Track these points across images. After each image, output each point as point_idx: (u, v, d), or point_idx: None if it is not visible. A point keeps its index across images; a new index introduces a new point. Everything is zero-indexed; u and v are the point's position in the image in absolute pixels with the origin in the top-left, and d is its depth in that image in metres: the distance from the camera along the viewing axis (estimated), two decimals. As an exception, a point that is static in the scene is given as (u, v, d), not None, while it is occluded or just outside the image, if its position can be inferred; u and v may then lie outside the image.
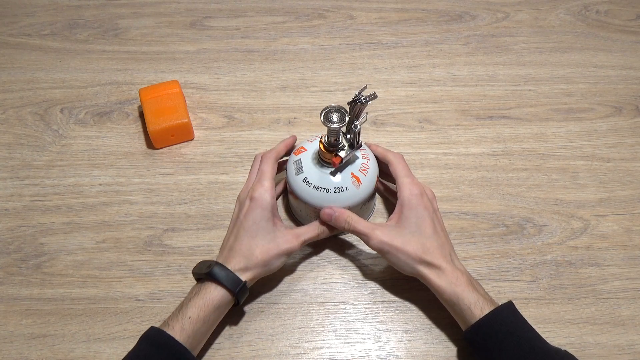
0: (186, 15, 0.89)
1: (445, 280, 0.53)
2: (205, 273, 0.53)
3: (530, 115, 0.76)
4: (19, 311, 0.59)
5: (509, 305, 0.52)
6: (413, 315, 0.59)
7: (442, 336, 0.57)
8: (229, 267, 0.53)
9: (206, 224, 0.65)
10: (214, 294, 0.52)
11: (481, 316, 0.51)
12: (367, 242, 0.56)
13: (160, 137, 0.71)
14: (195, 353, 0.51)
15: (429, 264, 0.54)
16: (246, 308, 0.59)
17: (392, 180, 0.60)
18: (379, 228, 0.56)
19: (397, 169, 0.59)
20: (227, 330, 0.57)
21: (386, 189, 0.65)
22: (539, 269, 0.62)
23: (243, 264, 0.54)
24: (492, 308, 0.51)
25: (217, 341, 0.57)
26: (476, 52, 0.84)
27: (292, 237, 0.56)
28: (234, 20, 0.89)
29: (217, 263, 0.54)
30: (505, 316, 0.51)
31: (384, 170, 0.62)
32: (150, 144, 0.72)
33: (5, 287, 0.61)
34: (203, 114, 0.76)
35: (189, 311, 0.51)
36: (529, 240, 0.64)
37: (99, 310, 0.59)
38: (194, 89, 0.79)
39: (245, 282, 0.54)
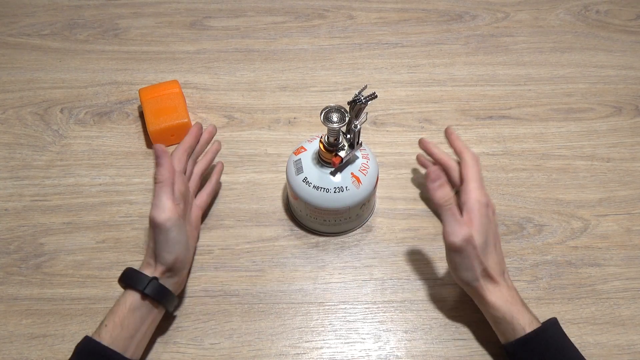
0: (186, 15, 0.89)
1: (501, 298, 0.52)
2: (118, 279, 0.53)
3: (530, 115, 0.76)
4: (19, 311, 0.59)
5: (555, 323, 0.52)
6: (413, 315, 0.59)
7: (442, 336, 0.57)
8: (141, 268, 0.54)
9: (206, 224, 0.65)
10: (125, 296, 0.52)
11: (525, 331, 0.50)
12: (453, 232, 0.51)
13: (160, 137, 0.71)
14: (129, 354, 0.50)
15: (490, 277, 0.52)
16: (246, 308, 0.59)
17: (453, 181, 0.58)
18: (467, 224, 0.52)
19: (470, 172, 0.56)
20: (227, 331, 0.57)
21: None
22: (539, 269, 0.62)
23: (149, 262, 0.53)
24: (537, 324, 0.51)
25: (217, 341, 0.57)
26: (476, 52, 0.84)
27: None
28: (234, 20, 0.89)
29: (127, 268, 0.53)
30: (553, 334, 0.51)
31: (449, 172, 0.60)
32: (150, 144, 0.72)
33: (5, 287, 0.61)
34: (203, 114, 0.76)
35: (106, 319, 0.51)
36: (529, 240, 0.64)
37: (99, 310, 0.59)
38: (194, 89, 0.79)
39: (153, 278, 0.52)
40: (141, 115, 0.76)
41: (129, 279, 0.52)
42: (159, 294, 0.52)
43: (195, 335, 0.57)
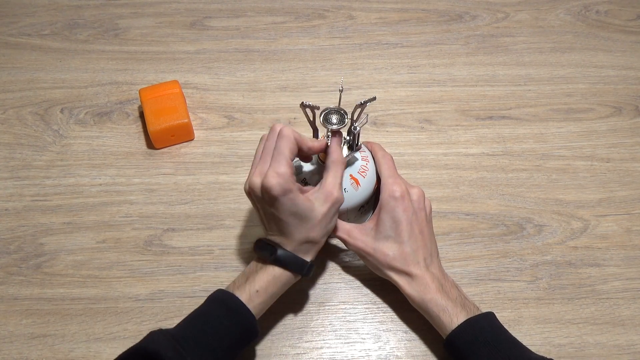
0: (186, 15, 0.89)
1: (413, 288, 0.53)
2: (272, 260, 0.52)
3: (530, 116, 0.76)
4: (19, 311, 0.59)
5: (487, 315, 0.52)
6: (413, 315, 0.58)
7: (441, 337, 0.57)
8: (290, 250, 0.52)
9: (206, 224, 0.65)
10: (282, 274, 0.52)
11: (451, 324, 0.50)
12: (345, 245, 0.57)
13: (160, 137, 0.71)
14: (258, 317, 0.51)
15: (399, 271, 0.54)
16: (246, 308, 0.59)
17: None
18: (355, 231, 0.56)
19: (382, 168, 0.58)
20: (227, 330, 0.57)
21: None
22: (539, 269, 0.62)
23: (301, 245, 0.52)
24: (465, 315, 0.51)
25: (217, 341, 0.57)
26: (476, 52, 0.84)
27: (326, 194, 0.51)
28: (234, 20, 0.89)
29: (280, 247, 0.52)
30: (480, 325, 0.51)
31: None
32: (150, 144, 0.72)
33: (5, 287, 0.61)
34: (203, 114, 0.76)
35: (257, 284, 0.51)
36: (529, 240, 0.64)
37: (99, 310, 0.59)
38: (194, 89, 0.79)
39: (311, 261, 0.53)
40: (141, 115, 0.76)
41: (287, 262, 0.51)
42: (311, 271, 0.54)
43: (195, 335, 0.57)
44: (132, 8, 0.90)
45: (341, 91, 0.54)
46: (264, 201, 0.50)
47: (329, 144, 0.54)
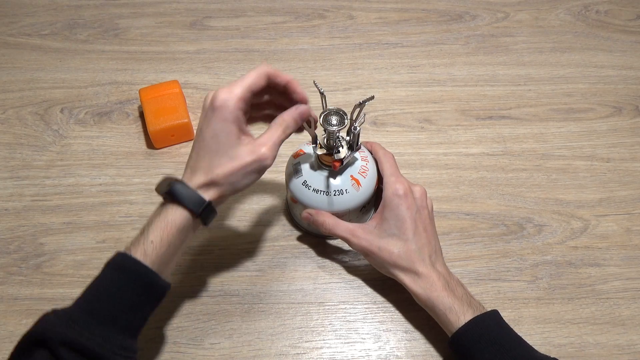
0: (186, 15, 0.89)
1: (419, 286, 0.53)
2: (165, 192, 0.47)
3: (530, 115, 0.76)
4: (19, 311, 0.59)
5: (492, 314, 0.52)
6: (413, 315, 0.59)
7: (442, 336, 0.57)
8: (191, 185, 0.48)
9: (206, 224, 0.65)
10: (176, 215, 0.47)
11: (458, 322, 0.50)
12: (349, 245, 0.57)
13: (160, 137, 0.71)
14: (164, 277, 0.47)
15: (404, 269, 0.54)
16: (246, 308, 0.59)
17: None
18: (359, 230, 0.56)
19: (384, 167, 0.58)
20: (227, 331, 0.58)
21: None
22: (539, 269, 0.62)
23: (205, 182, 0.48)
24: (471, 313, 0.51)
25: (217, 341, 0.57)
26: (476, 52, 0.84)
27: (256, 147, 0.48)
28: (234, 20, 0.89)
29: (177, 180, 0.48)
30: (487, 324, 0.51)
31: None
32: (150, 144, 0.72)
33: (5, 287, 0.61)
34: (203, 114, 0.76)
35: (151, 235, 0.46)
36: (529, 240, 0.64)
37: (99, 310, 0.59)
38: (194, 89, 0.79)
39: (210, 201, 0.48)
40: (141, 115, 0.76)
41: (182, 195, 0.47)
42: (212, 217, 0.49)
43: (195, 335, 0.57)
44: (132, 8, 0.90)
45: (322, 94, 0.54)
46: (203, 112, 0.48)
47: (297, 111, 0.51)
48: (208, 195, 0.48)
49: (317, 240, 0.64)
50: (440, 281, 0.53)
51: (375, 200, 0.62)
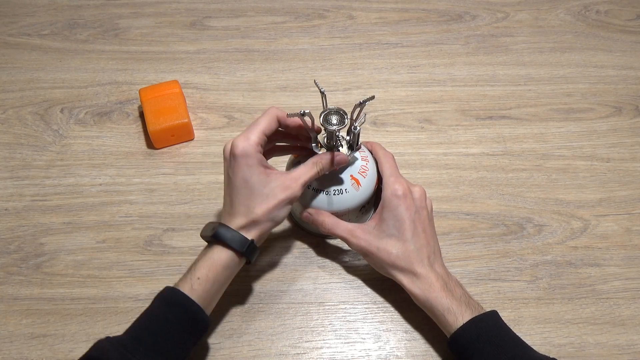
0: (186, 15, 0.89)
1: (418, 287, 0.53)
2: (211, 236, 0.51)
3: (530, 115, 0.76)
4: (19, 311, 0.59)
5: (491, 314, 0.52)
6: (413, 315, 0.59)
7: (441, 336, 0.57)
8: (233, 227, 0.51)
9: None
10: (222, 255, 0.51)
11: (456, 323, 0.50)
12: (348, 245, 0.57)
13: (160, 137, 0.71)
14: (207, 312, 0.51)
15: (402, 270, 0.54)
16: (246, 308, 0.59)
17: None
18: (358, 230, 0.56)
19: (384, 167, 0.58)
20: (227, 331, 0.57)
21: None
22: (539, 269, 0.62)
23: (246, 223, 0.52)
24: (470, 314, 0.51)
25: (217, 341, 0.57)
26: (476, 52, 0.84)
27: (289, 182, 0.52)
28: (234, 20, 0.89)
29: (221, 224, 0.52)
30: (485, 324, 0.51)
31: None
32: (150, 144, 0.72)
33: (5, 287, 0.61)
34: (203, 114, 0.76)
35: (198, 272, 0.50)
36: (529, 240, 0.64)
37: (99, 310, 0.59)
38: (194, 89, 0.79)
39: (253, 240, 0.52)
40: (141, 115, 0.76)
41: (226, 237, 0.51)
42: (254, 254, 0.53)
43: (195, 335, 0.57)
44: (132, 8, 0.90)
45: (322, 93, 0.54)
46: (226, 162, 0.52)
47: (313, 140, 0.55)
48: (250, 235, 0.52)
49: (317, 240, 0.64)
50: (439, 282, 0.53)
51: (375, 200, 0.62)
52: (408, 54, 0.84)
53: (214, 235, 0.51)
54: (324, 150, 0.56)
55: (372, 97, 0.52)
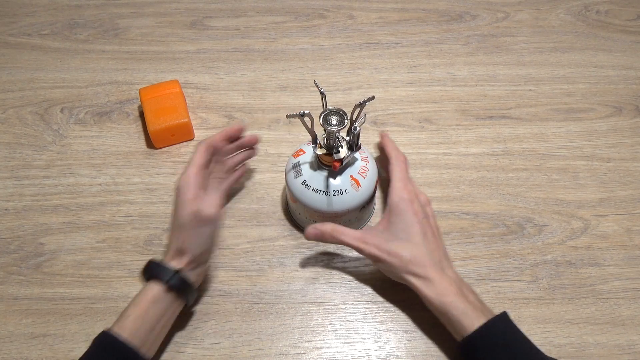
0: (186, 15, 0.89)
1: (433, 291, 0.52)
2: (141, 271, 0.53)
3: (530, 115, 0.76)
4: (19, 311, 0.59)
5: (503, 317, 0.51)
6: (413, 315, 0.59)
7: (442, 336, 0.57)
8: (165, 260, 0.53)
9: (206, 223, 0.65)
10: (149, 288, 0.51)
11: (472, 327, 0.50)
12: (359, 252, 0.56)
13: (160, 137, 0.71)
14: (145, 350, 0.50)
15: (416, 274, 0.53)
16: (246, 308, 0.59)
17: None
18: (367, 236, 0.55)
19: (394, 171, 0.58)
20: (227, 330, 0.57)
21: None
22: (539, 269, 0.62)
23: (174, 253, 0.53)
24: (484, 318, 0.50)
25: (217, 341, 0.57)
26: (476, 52, 0.84)
27: (193, 205, 0.52)
28: (234, 20, 0.89)
29: (152, 260, 0.53)
30: (499, 328, 0.50)
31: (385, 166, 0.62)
32: (150, 144, 0.72)
33: (5, 287, 0.61)
34: (203, 113, 0.76)
35: (129, 310, 0.50)
36: (529, 240, 0.64)
37: (99, 310, 0.59)
38: (194, 88, 0.79)
39: (178, 270, 0.52)
40: (141, 115, 0.76)
41: (153, 270, 0.52)
42: (182, 286, 0.52)
43: (195, 335, 0.57)
44: (132, 8, 0.90)
45: (322, 93, 0.54)
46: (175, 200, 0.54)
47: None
48: (178, 264, 0.52)
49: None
50: (453, 286, 0.52)
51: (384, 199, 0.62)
52: (408, 54, 0.84)
53: (143, 270, 0.53)
54: (323, 150, 0.56)
55: (372, 98, 0.52)
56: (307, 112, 0.52)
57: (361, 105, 0.52)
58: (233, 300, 0.60)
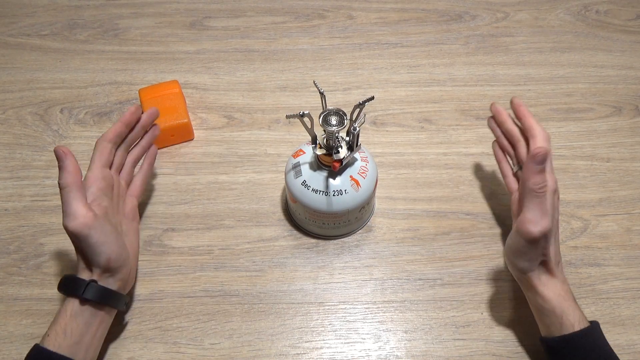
0: (186, 15, 0.89)
1: (554, 291, 0.51)
2: (58, 287, 0.51)
3: (530, 115, 0.76)
4: (19, 311, 0.59)
5: (597, 326, 0.51)
6: (413, 315, 0.59)
7: (442, 336, 0.57)
8: (78, 273, 0.51)
9: (206, 224, 0.65)
10: (66, 303, 0.50)
11: (573, 328, 0.49)
12: (534, 221, 0.48)
13: (160, 137, 0.70)
14: (79, 358, 0.49)
15: (547, 269, 0.51)
16: (246, 308, 0.59)
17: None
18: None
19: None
20: (227, 330, 0.58)
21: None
22: (538, 269, 0.62)
23: (84, 265, 0.51)
24: (585, 322, 0.50)
25: (217, 341, 0.57)
26: (476, 52, 0.84)
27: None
28: (234, 20, 0.89)
29: (65, 275, 0.52)
30: (597, 336, 0.50)
31: (517, 149, 0.58)
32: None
33: (5, 287, 0.61)
34: (203, 114, 0.76)
35: (49, 329, 0.49)
36: (528, 240, 0.64)
37: (99, 310, 0.59)
38: (194, 89, 0.79)
39: (89, 281, 0.50)
40: (141, 115, 0.76)
41: (66, 285, 0.51)
42: (100, 296, 0.50)
43: (195, 335, 0.57)
44: (132, 8, 0.90)
45: (322, 94, 0.54)
46: None
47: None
48: (90, 275, 0.51)
49: (317, 240, 0.64)
50: (570, 292, 0.52)
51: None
52: (408, 54, 0.84)
53: (58, 287, 0.51)
54: (323, 151, 0.56)
55: (372, 98, 0.52)
56: (307, 112, 0.52)
57: (361, 105, 0.52)
58: (233, 301, 0.60)
